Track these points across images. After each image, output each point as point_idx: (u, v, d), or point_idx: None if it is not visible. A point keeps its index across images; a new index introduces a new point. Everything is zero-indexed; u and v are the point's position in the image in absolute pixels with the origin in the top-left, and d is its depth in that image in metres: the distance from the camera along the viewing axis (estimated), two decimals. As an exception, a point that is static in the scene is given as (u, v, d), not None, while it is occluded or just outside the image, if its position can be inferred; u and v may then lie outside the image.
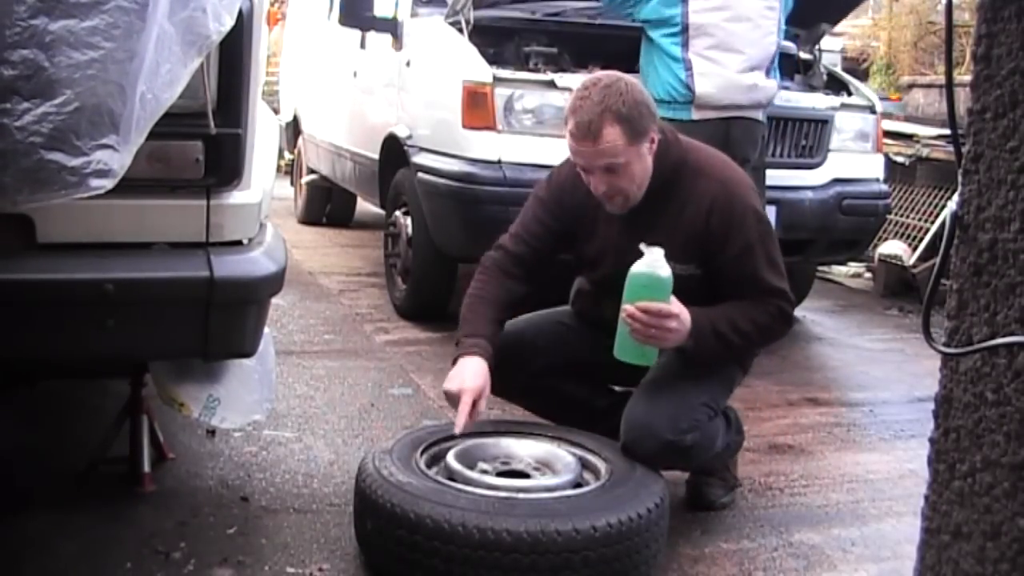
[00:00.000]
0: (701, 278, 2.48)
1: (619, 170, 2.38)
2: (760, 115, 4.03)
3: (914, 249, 5.99)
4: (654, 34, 3.93)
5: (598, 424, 2.66)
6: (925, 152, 6.37)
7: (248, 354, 2.30)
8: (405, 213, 4.61)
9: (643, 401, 2.47)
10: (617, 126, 2.33)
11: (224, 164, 2.12)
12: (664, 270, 2.29)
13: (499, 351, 2.50)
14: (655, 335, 2.30)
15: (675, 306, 2.31)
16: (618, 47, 4.77)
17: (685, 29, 3.85)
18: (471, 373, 2.39)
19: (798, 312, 5.20)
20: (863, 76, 10.10)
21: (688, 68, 3.84)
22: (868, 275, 6.38)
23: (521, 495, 2.17)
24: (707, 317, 2.39)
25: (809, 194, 4.43)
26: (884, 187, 4.86)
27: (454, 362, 2.44)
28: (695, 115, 3.86)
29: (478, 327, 2.51)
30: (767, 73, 3.99)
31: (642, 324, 2.29)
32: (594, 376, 2.73)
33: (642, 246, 2.31)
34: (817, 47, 5.08)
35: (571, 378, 2.70)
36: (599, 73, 2.51)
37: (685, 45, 3.85)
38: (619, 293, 2.40)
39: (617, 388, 2.81)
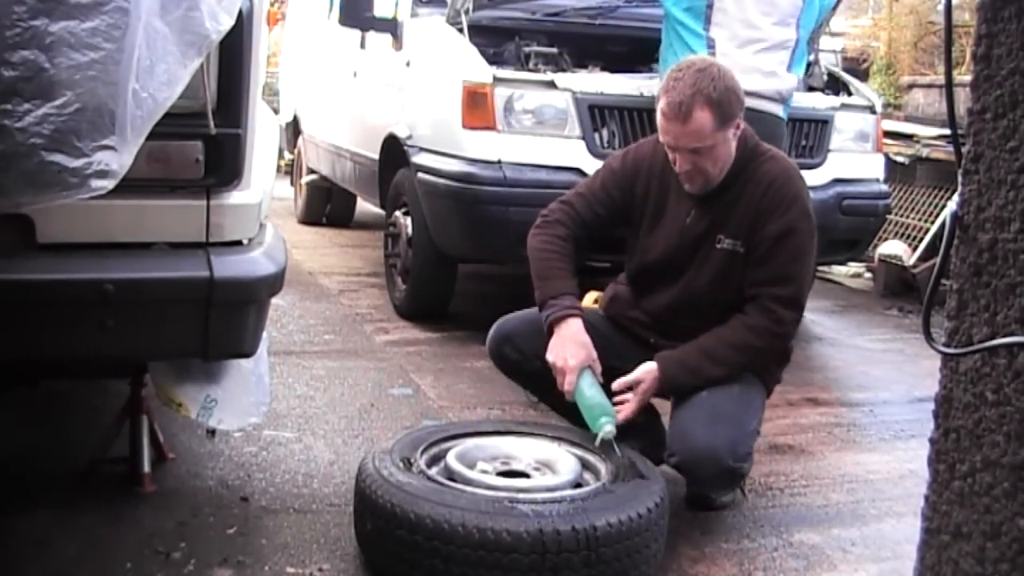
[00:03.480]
0: (743, 257, 2.54)
1: (704, 152, 2.46)
2: (781, 111, 4.03)
3: (914, 249, 5.99)
4: (676, 11, 3.92)
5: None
6: (925, 152, 6.37)
7: (248, 354, 2.30)
8: (405, 213, 4.61)
9: (702, 423, 2.45)
10: (707, 109, 2.40)
11: (224, 164, 2.12)
12: (591, 393, 2.46)
13: (497, 332, 2.64)
14: (630, 409, 2.49)
15: (639, 375, 2.49)
16: (618, 47, 4.78)
17: (710, 6, 3.85)
18: (574, 345, 2.47)
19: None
20: (863, 76, 10.09)
21: (711, 47, 3.84)
22: (868, 275, 6.38)
23: (521, 495, 2.17)
24: (678, 361, 2.51)
25: (809, 194, 4.42)
26: (884, 187, 4.86)
27: (551, 327, 2.50)
28: None
29: (563, 283, 2.56)
30: (788, 67, 4.00)
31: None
32: (612, 379, 2.76)
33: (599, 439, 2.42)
34: (817, 47, 5.07)
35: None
36: (693, 57, 2.62)
37: (708, 23, 3.85)
38: (666, 284, 2.60)
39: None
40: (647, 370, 2.50)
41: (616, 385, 2.49)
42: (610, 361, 2.57)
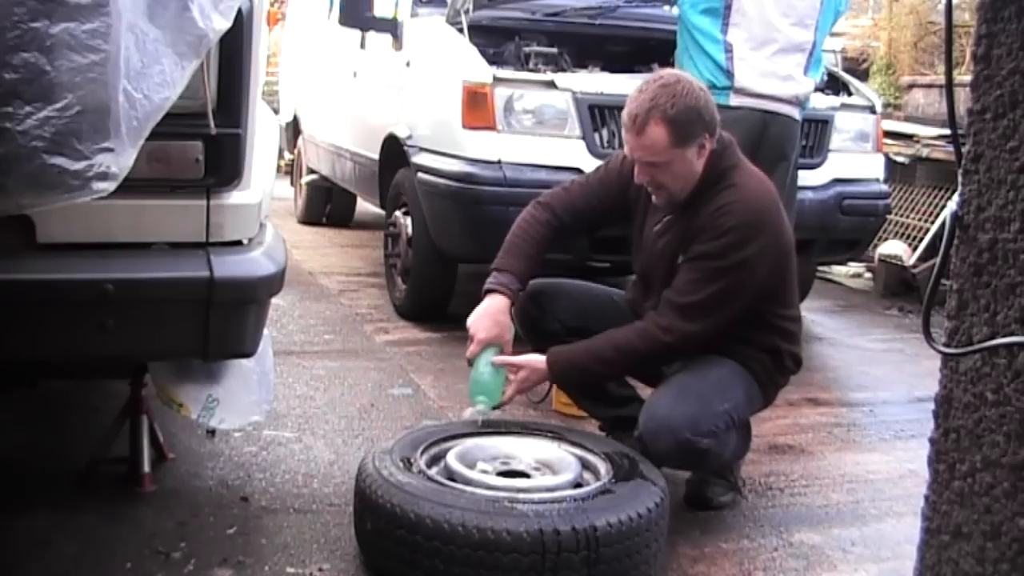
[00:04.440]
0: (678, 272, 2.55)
1: (660, 167, 2.46)
2: (797, 114, 4.04)
3: (914, 249, 5.99)
4: (693, 14, 3.92)
5: (608, 409, 2.78)
6: (925, 152, 6.36)
7: (248, 354, 2.30)
8: (405, 213, 4.61)
9: (667, 397, 2.49)
10: (662, 125, 2.39)
11: (224, 164, 2.12)
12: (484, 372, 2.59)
13: (528, 288, 2.69)
14: (510, 393, 2.59)
15: (524, 360, 2.56)
16: (618, 47, 4.78)
17: (728, 7, 3.85)
18: (489, 319, 2.56)
19: (798, 312, 5.20)
20: (863, 76, 10.08)
21: (728, 51, 3.84)
22: (868, 275, 6.38)
23: (521, 495, 2.17)
24: (566, 355, 2.55)
25: (809, 194, 4.43)
26: (884, 187, 4.86)
27: (484, 294, 2.61)
28: (733, 100, 3.87)
29: (515, 264, 2.64)
30: (805, 70, 4.01)
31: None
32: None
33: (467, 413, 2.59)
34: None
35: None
36: (665, 71, 2.60)
37: (726, 25, 3.84)
38: (652, 289, 2.62)
39: (630, 381, 2.86)
40: (533, 360, 2.56)
41: (497, 360, 2.55)
42: None
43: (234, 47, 2.04)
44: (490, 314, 2.56)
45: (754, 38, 3.87)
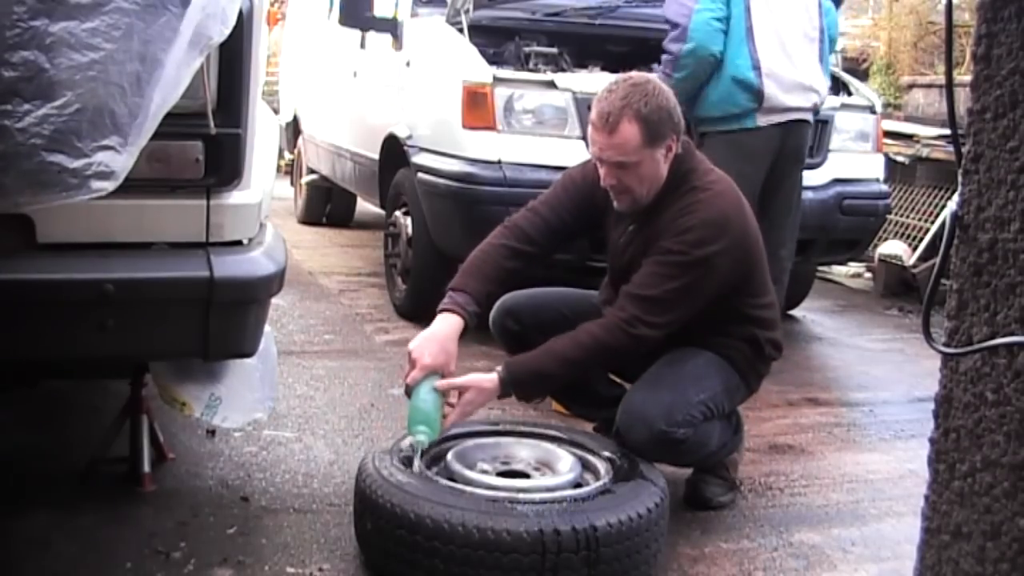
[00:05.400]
0: None
1: (629, 168, 2.43)
2: (811, 117, 4.06)
3: (914, 249, 5.99)
4: (712, 45, 3.87)
5: (600, 411, 2.76)
6: (925, 152, 6.36)
7: (248, 354, 2.30)
8: (405, 213, 4.61)
9: (642, 389, 2.49)
10: (635, 123, 2.37)
11: (224, 164, 2.12)
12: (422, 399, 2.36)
13: (483, 310, 2.57)
14: (453, 420, 2.39)
15: (466, 381, 2.40)
16: (618, 47, 4.78)
17: (749, 29, 3.84)
18: (437, 344, 2.41)
19: (798, 312, 5.21)
20: (863, 76, 10.07)
21: (756, 67, 3.83)
22: (868, 275, 6.38)
23: (521, 495, 2.17)
24: (520, 363, 2.44)
25: (809, 194, 4.42)
26: (884, 187, 4.86)
27: (437, 313, 2.48)
28: (760, 120, 3.88)
29: (473, 285, 2.52)
30: (822, 76, 4.05)
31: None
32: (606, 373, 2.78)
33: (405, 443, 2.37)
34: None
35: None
36: (633, 72, 2.54)
37: (752, 46, 3.84)
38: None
39: (617, 380, 2.84)
40: (479, 380, 2.42)
41: (441, 385, 2.37)
42: None
43: (234, 47, 2.04)
44: (438, 339, 2.41)
45: (776, 52, 3.87)
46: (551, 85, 4.12)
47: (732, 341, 2.59)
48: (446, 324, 2.45)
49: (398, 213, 4.70)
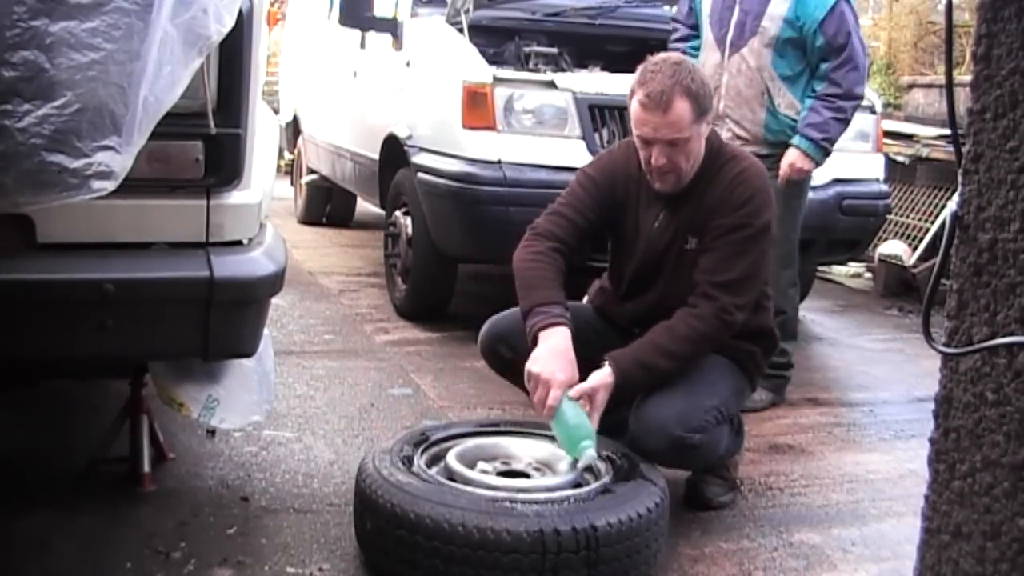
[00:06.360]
0: (695, 254, 2.54)
1: (680, 145, 2.45)
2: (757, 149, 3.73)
3: (914, 249, 5.99)
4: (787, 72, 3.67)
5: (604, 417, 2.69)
6: (925, 152, 6.36)
7: (248, 354, 2.30)
8: (405, 213, 4.61)
9: (656, 397, 2.48)
10: (686, 100, 2.41)
11: (224, 164, 2.12)
12: (573, 418, 2.34)
13: (488, 331, 2.63)
14: (599, 412, 2.39)
15: (594, 383, 2.39)
16: (618, 47, 4.78)
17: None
18: (561, 360, 2.36)
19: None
20: (863, 76, 10.07)
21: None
22: (868, 275, 6.38)
23: (521, 495, 2.17)
24: (631, 358, 2.44)
25: (809, 194, 4.42)
26: (884, 187, 4.85)
27: (535, 334, 2.41)
28: None
29: (550, 293, 2.49)
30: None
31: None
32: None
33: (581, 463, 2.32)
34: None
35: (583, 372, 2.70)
36: (663, 54, 2.56)
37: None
38: (646, 288, 2.61)
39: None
40: (601, 378, 2.40)
41: (575, 393, 2.36)
42: (596, 354, 2.49)
43: (234, 47, 2.04)
44: (559, 354, 2.36)
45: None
46: (551, 85, 4.12)
47: (744, 343, 2.62)
48: (558, 338, 2.40)
49: (398, 213, 4.70)
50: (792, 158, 3.53)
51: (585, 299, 2.89)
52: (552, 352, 2.37)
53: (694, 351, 2.49)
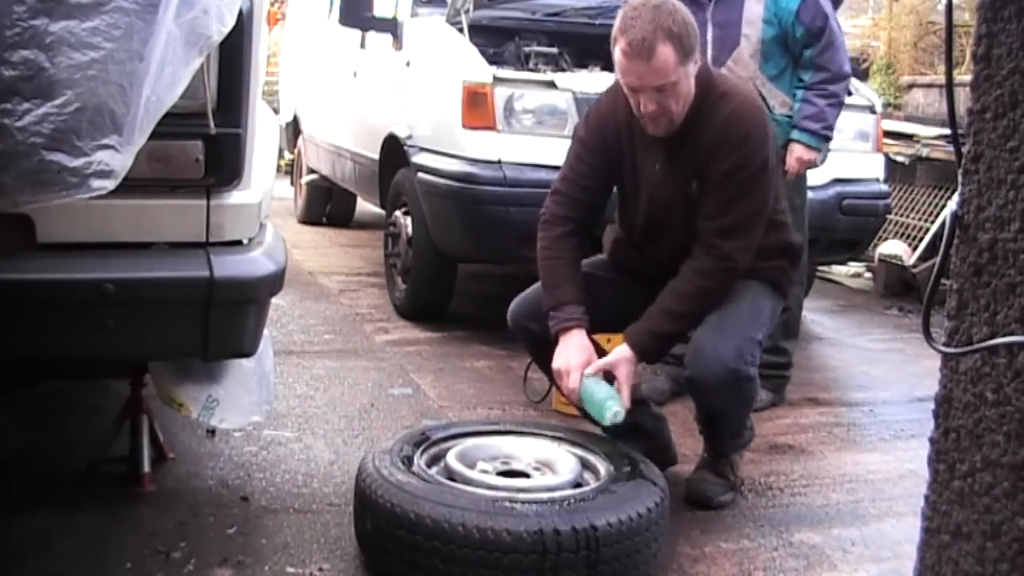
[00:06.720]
0: (698, 197, 2.54)
1: (668, 89, 2.44)
2: None
3: (914, 249, 5.99)
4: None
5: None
6: (925, 152, 6.36)
7: (248, 354, 2.30)
8: (405, 213, 4.61)
9: (710, 334, 2.53)
10: (669, 44, 2.39)
11: (224, 164, 2.12)
12: (600, 394, 2.46)
13: (516, 310, 2.69)
14: (628, 383, 2.49)
15: (613, 358, 2.49)
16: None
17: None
18: (576, 348, 2.49)
19: (798, 312, 5.20)
20: (863, 76, 10.07)
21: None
22: (868, 275, 6.38)
23: (521, 495, 2.17)
24: (643, 331, 2.51)
25: (809, 194, 4.42)
26: (884, 187, 4.85)
27: (556, 336, 2.53)
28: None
29: (566, 292, 2.57)
30: None
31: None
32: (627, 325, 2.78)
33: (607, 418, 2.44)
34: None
35: (608, 329, 2.73)
36: None
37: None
38: (659, 236, 2.61)
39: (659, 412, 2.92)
40: (619, 353, 2.50)
41: (594, 369, 2.47)
42: (626, 309, 2.58)
43: (234, 47, 2.04)
44: (572, 345, 2.50)
45: None
46: (551, 85, 4.12)
47: (768, 262, 2.64)
48: (574, 338, 2.52)
49: (398, 213, 4.70)
50: (797, 152, 3.56)
51: (605, 249, 2.90)
52: (565, 348, 2.51)
53: (704, 306, 2.54)
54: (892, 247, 6.05)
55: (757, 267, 2.60)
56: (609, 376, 2.51)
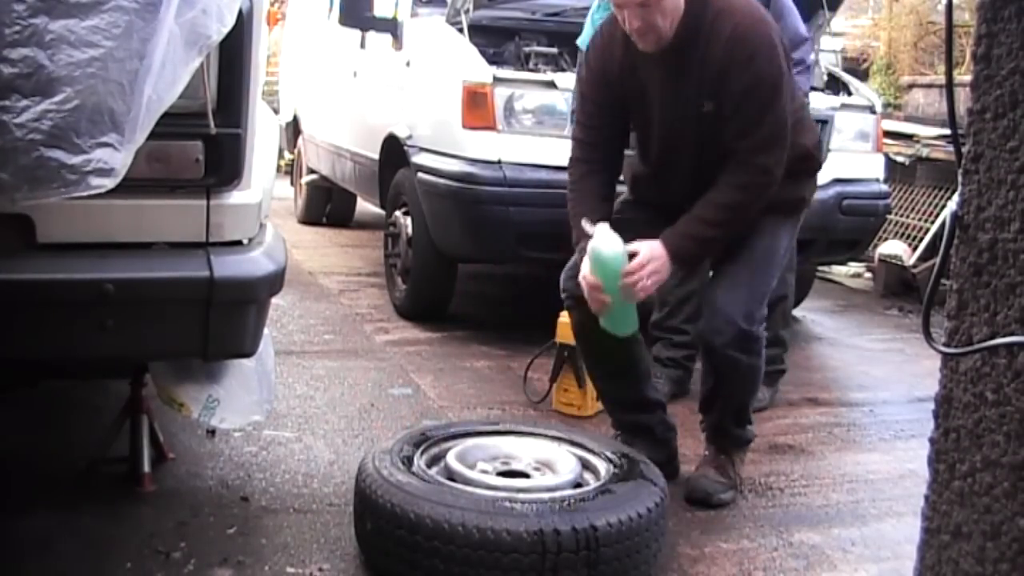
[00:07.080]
0: (715, 117, 2.54)
1: (652, 5, 2.43)
2: None
3: (914, 249, 5.99)
4: None
5: (628, 414, 2.82)
6: (925, 152, 6.36)
7: (248, 354, 2.30)
8: (405, 213, 4.61)
9: (721, 291, 2.62)
10: None
11: (224, 164, 2.12)
12: (606, 246, 2.44)
13: (565, 275, 2.69)
14: (645, 287, 2.47)
15: (643, 256, 2.47)
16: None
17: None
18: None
19: (798, 312, 5.21)
20: (863, 76, 10.08)
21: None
22: (868, 275, 6.38)
23: (521, 495, 2.17)
24: (680, 233, 2.53)
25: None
26: (884, 187, 4.86)
27: (581, 251, 2.54)
28: None
29: (584, 212, 2.57)
30: None
31: (628, 288, 2.46)
32: None
33: (585, 225, 2.45)
34: (817, 47, 5.07)
35: None
36: None
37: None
38: (678, 163, 2.63)
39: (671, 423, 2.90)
40: (653, 250, 2.49)
41: (627, 270, 2.45)
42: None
43: (234, 47, 2.04)
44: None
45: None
46: (551, 85, 4.12)
47: (787, 185, 2.61)
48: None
49: (398, 213, 4.70)
50: None
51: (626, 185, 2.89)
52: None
53: (739, 218, 2.57)
54: (892, 247, 6.05)
55: (776, 200, 2.61)
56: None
